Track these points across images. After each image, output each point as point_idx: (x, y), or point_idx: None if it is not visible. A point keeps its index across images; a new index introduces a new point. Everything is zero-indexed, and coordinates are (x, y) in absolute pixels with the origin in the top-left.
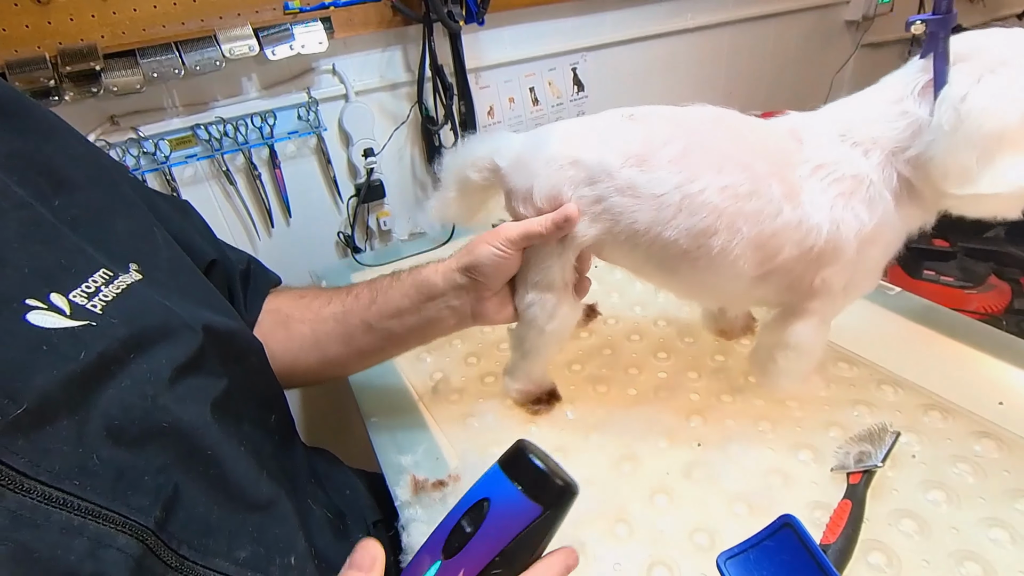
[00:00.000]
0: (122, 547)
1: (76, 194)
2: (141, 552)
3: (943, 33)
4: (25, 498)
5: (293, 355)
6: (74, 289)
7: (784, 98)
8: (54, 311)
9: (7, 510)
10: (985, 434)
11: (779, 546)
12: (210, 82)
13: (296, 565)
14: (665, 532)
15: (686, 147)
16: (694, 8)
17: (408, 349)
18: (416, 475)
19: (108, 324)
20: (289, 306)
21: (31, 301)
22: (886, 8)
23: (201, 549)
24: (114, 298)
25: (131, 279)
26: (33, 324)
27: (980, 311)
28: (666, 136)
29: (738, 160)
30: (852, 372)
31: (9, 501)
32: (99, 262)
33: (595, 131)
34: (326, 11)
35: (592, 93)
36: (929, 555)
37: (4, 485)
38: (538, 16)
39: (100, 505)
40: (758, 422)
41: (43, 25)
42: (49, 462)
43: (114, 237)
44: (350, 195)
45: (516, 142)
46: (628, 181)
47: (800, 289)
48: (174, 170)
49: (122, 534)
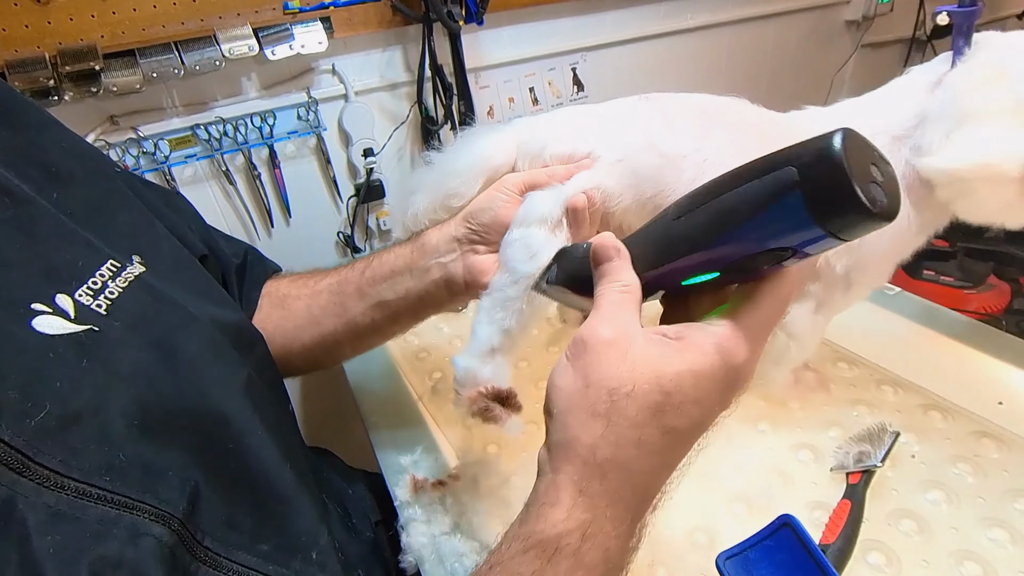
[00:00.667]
0: (157, 535)
1: (74, 187)
2: (174, 541)
3: (966, 25)
4: (61, 495)
5: (289, 335)
6: (80, 287)
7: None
8: (59, 314)
9: (46, 506)
10: (985, 434)
11: (778, 546)
12: (210, 82)
13: (318, 560)
14: (665, 532)
15: (704, 117)
16: (694, 8)
17: (401, 326)
18: (416, 475)
19: (110, 327)
20: (287, 286)
21: (37, 305)
22: (886, 8)
23: (224, 541)
24: (120, 294)
25: (136, 271)
26: (39, 331)
27: (980, 311)
28: (683, 108)
29: (753, 126)
30: (852, 372)
31: (47, 498)
32: (106, 254)
33: (609, 106)
34: (326, 11)
35: (592, 93)
36: (929, 555)
37: (40, 483)
38: (538, 16)
39: (132, 498)
40: (758, 422)
41: (43, 25)
42: (79, 460)
43: (116, 229)
44: (350, 195)
45: (507, 134)
46: (650, 140)
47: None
48: (174, 170)
49: (156, 524)
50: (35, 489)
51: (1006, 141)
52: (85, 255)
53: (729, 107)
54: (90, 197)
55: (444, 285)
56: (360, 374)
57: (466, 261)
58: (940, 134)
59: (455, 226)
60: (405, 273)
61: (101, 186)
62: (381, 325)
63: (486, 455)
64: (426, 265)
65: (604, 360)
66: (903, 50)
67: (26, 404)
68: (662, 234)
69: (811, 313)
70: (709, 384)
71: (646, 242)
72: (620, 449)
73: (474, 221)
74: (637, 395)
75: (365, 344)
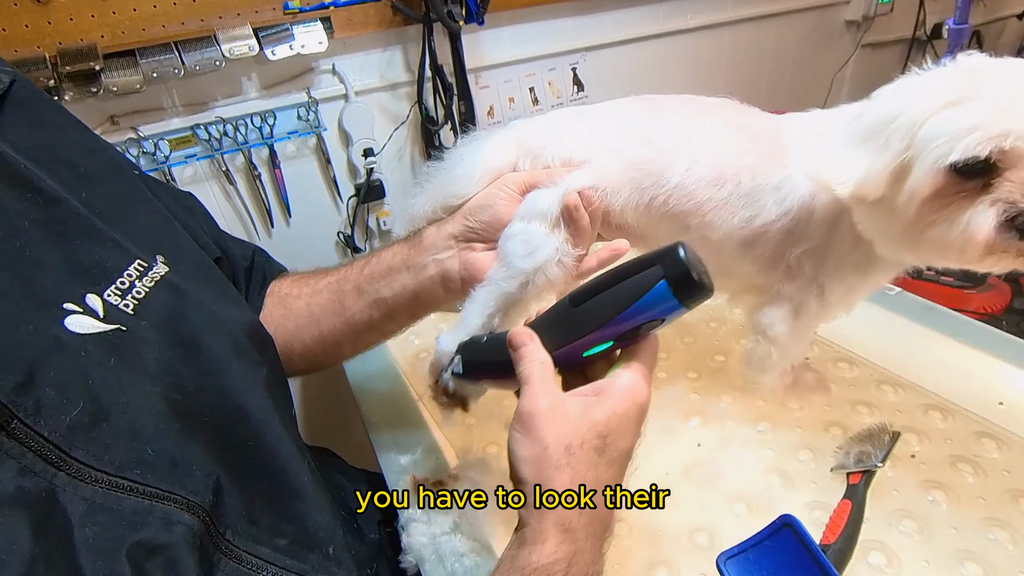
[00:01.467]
0: (188, 523)
1: (98, 186)
2: (202, 530)
3: (956, 42)
4: (97, 488)
5: (290, 334)
6: (109, 287)
7: (784, 98)
8: (89, 314)
9: (82, 499)
10: (985, 434)
11: (779, 546)
12: (210, 82)
13: (335, 556)
14: (665, 532)
15: (693, 113)
16: (694, 8)
17: (399, 324)
18: (416, 475)
19: (138, 327)
20: (289, 286)
21: (68, 305)
22: (886, 8)
23: (244, 534)
24: (146, 294)
25: (161, 271)
26: (71, 331)
27: (980, 311)
28: (674, 105)
29: (738, 122)
30: (852, 372)
31: (84, 491)
32: (133, 254)
33: (604, 106)
34: (326, 11)
35: (592, 93)
36: (929, 555)
37: (76, 477)
38: (538, 16)
39: (163, 490)
40: (758, 422)
41: (43, 25)
42: (111, 455)
43: (140, 229)
44: (350, 195)
45: (507, 137)
46: (645, 135)
47: (777, 268)
48: (174, 170)
49: (186, 513)
50: (71, 483)
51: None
52: (114, 255)
53: (717, 105)
54: (115, 196)
55: (440, 282)
56: (360, 374)
57: (463, 258)
58: (835, 150)
59: (453, 223)
60: (402, 270)
61: (124, 186)
62: (379, 323)
63: (486, 455)
64: (423, 262)
65: (552, 424)
66: (903, 50)
67: (61, 401)
68: (565, 319)
69: (789, 317)
70: (627, 421)
71: (551, 327)
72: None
73: (472, 218)
74: (585, 444)
75: (364, 343)
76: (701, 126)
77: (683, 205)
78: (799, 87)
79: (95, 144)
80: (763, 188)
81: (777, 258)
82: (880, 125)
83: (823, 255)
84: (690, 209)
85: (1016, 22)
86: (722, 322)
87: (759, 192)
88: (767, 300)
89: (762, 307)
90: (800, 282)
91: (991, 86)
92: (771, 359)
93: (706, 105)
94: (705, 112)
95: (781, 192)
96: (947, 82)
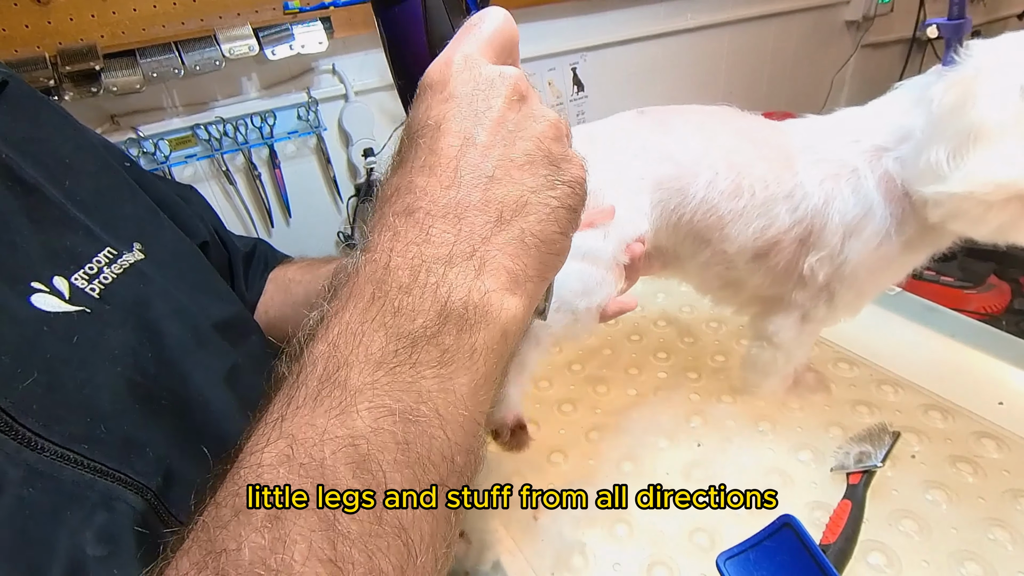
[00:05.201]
0: (130, 502)
1: (83, 178)
2: (146, 509)
3: (955, 38)
4: (41, 455)
5: (290, 320)
6: (77, 271)
7: (784, 98)
8: (55, 294)
9: (25, 463)
10: (985, 434)
11: (779, 546)
12: (210, 82)
13: None
14: (665, 532)
15: (702, 125)
16: (694, 8)
17: None
18: None
19: (102, 310)
20: (294, 272)
21: (36, 284)
22: (886, 8)
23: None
24: (113, 280)
25: (133, 258)
26: (36, 307)
27: (980, 311)
28: (682, 119)
29: (743, 131)
30: (852, 372)
31: (27, 456)
32: (104, 241)
33: (610, 124)
34: (326, 11)
35: (592, 93)
36: (929, 555)
37: (21, 442)
38: (538, 16)
39: (108, 466)
40: (758, 422)
41: (43, 25)
42: (62, 428)
43: (120, 219)
44: (350, 195)
45: None
46: (663, 152)
47: (790, 278)
48: (174, 170)
49: (129, 492)
50: (16, 448)
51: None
52: (84, 242)
53: (720, 113)
54: (98, 188)
55: None
56: None
57: None
58: (943, 154)
59: None
60: None
61: (109, 179)
62: None
63: (486, 455)
64: None
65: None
66: (903, 50)
67: (15, 369)
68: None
69: (797, 323)
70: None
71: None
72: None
73: None
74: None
75: None
76: (712, 137)
77: (706, 220)
78: (799, 87)
79: (85, 140)
80: (775, 197)
81: (791, 268)
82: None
83: (839, 261)
84: (712, 223)
85: (1016, 22)
86: (722, 322)
87: (772, 201)
88: (774, 308)
89: (768, 315)
90: (811, 290)
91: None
92: (776, 364)
93: (711, 115)
94: (711, 122)
95: (793, 200)
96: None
